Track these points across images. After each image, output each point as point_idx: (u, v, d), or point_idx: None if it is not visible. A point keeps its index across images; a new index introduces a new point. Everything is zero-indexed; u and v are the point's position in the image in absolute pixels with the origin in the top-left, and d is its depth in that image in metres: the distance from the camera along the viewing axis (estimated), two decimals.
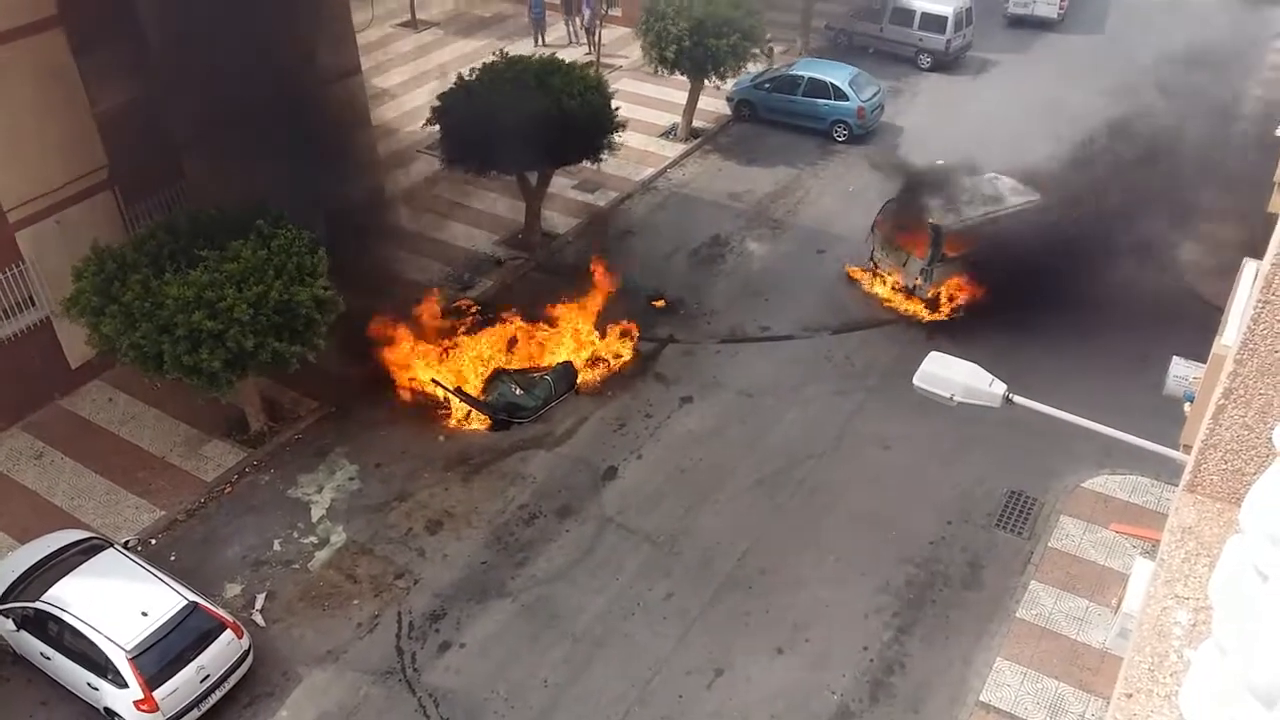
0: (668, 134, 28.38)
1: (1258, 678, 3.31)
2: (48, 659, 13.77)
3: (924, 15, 31.73)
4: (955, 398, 8.83)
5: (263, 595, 15.52)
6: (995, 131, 26.93)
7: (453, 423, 18.69)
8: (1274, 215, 12.89)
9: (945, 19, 31.42)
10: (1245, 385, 5.00)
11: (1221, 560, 3.93)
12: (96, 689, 13.35)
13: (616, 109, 22.73)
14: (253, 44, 16.08)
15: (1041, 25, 35.43)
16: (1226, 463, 5.25)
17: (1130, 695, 4.58)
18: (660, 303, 21.60)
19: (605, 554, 16.19)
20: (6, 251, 17.38)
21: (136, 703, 13.04)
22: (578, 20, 33.25)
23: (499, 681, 14.36)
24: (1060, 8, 35.14)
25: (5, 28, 16.20)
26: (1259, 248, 9.57)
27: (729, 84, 28.94)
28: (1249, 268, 10.72)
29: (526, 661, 14.61)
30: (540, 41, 32.74)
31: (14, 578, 14.38)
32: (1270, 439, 5.08)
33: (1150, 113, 22.07)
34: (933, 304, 21.01)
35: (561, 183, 24.62)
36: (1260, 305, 4.81)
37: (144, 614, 13.52)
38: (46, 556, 14.60)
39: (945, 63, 32.00)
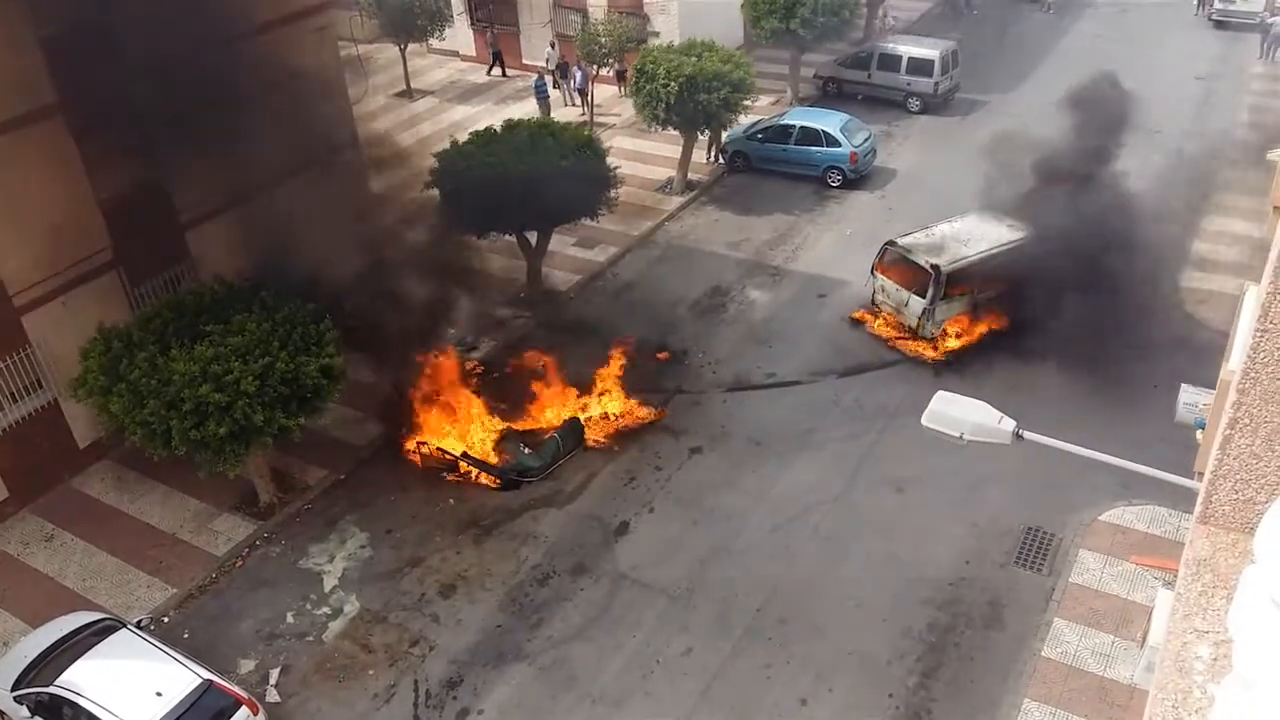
0: (664, 188, 28.64)
1: None
2: None
3: (911, 60, 32.20)
4: (965, 436, 8.78)
5: (277, 669, 15.36)
6: (989, 168, 27.10)
7: (460, 481, 18.63)
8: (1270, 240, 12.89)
9: (932, 62, 31.85)
10: (1250, 414, 4.97)
11: (1238, 592, 3.88)
12: None
13: (616, 168, 23.00)
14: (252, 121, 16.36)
15: None
16: (1237, 492, 5.20)
17: None
18: (664, 355, 21.63)
19: (621, 611, 16.02)
20: (13, 336, 17.52)
21: None
22: (570, 83, 33.67)
23: None
24: None
25: (7, 116, 16.48)
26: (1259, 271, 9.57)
27: (722, 137, 29.33)
28: (1250, 292, 10.72)
29: None
30: (546, 114, 32.76)
31: (27, 663, 14.28)
32: None
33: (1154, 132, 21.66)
34: (938, 343, 21.01)
35: (561, 239, 24.80)
36: (1259, 333, 4.80)
37: (159, 694, 13.39)
38: (60, 640, 14.51)
39: (934, 105, 32.39)
